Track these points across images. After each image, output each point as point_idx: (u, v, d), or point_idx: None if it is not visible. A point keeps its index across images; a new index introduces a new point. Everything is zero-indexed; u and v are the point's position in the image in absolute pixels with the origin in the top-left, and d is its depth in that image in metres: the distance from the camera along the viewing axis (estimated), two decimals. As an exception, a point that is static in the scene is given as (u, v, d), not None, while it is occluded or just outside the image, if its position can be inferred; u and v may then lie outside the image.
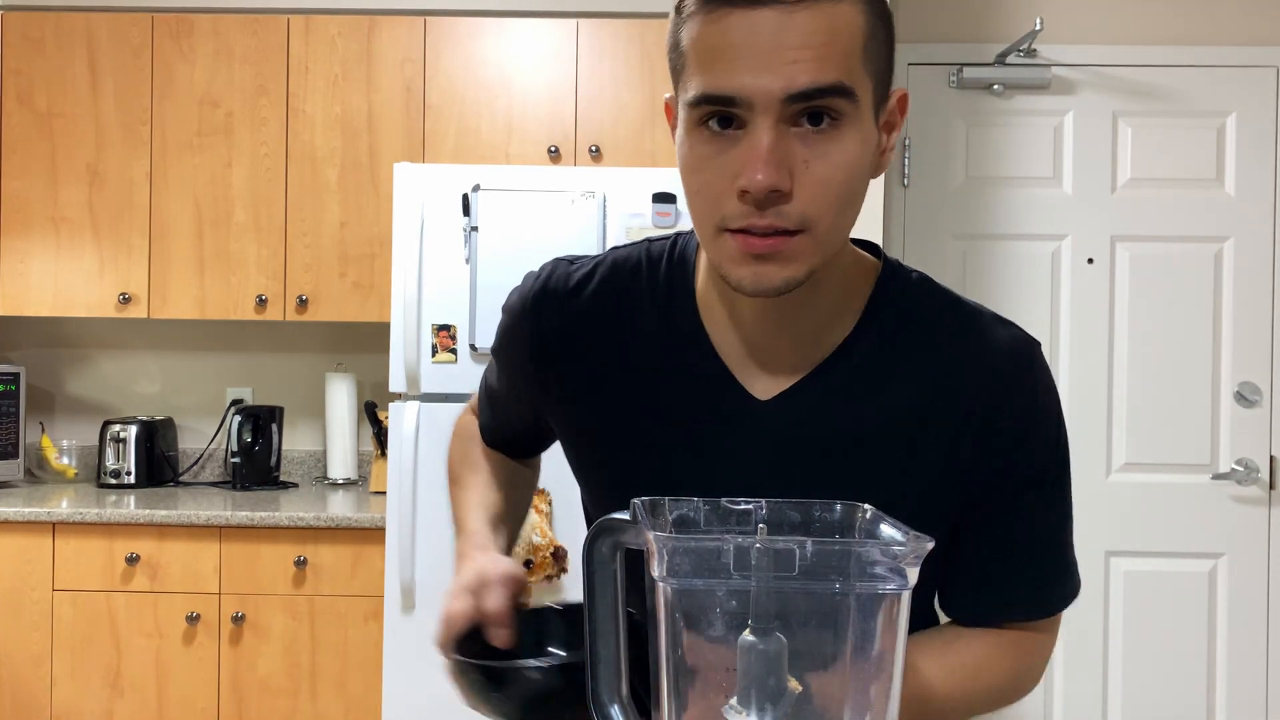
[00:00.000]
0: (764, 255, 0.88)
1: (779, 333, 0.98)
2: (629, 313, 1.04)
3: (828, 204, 0.87)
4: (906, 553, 0.71)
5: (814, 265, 0.90)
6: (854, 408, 0.97)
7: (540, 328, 1.07)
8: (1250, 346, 3.32)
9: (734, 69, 0.85)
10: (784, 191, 0.86)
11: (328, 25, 3.24)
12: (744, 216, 0.87)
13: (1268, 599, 3.32)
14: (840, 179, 0.87)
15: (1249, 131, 3.33)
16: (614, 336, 1.04)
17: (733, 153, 0.87)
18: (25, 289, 3.28)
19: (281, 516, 2.92)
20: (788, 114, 0.85)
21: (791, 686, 0.70)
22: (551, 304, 1.07)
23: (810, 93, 0.85)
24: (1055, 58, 3.32)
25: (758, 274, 0.89)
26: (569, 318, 1.06)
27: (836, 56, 0.85)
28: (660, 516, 0.82)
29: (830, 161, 0.87)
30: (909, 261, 3.32)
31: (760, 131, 0.85)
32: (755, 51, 0.84)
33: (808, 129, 0.86)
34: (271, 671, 2.95)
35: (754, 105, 0.85)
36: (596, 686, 0.87)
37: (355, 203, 3.24)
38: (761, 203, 0.86)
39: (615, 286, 1.05)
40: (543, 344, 1.07)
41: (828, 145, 0.87)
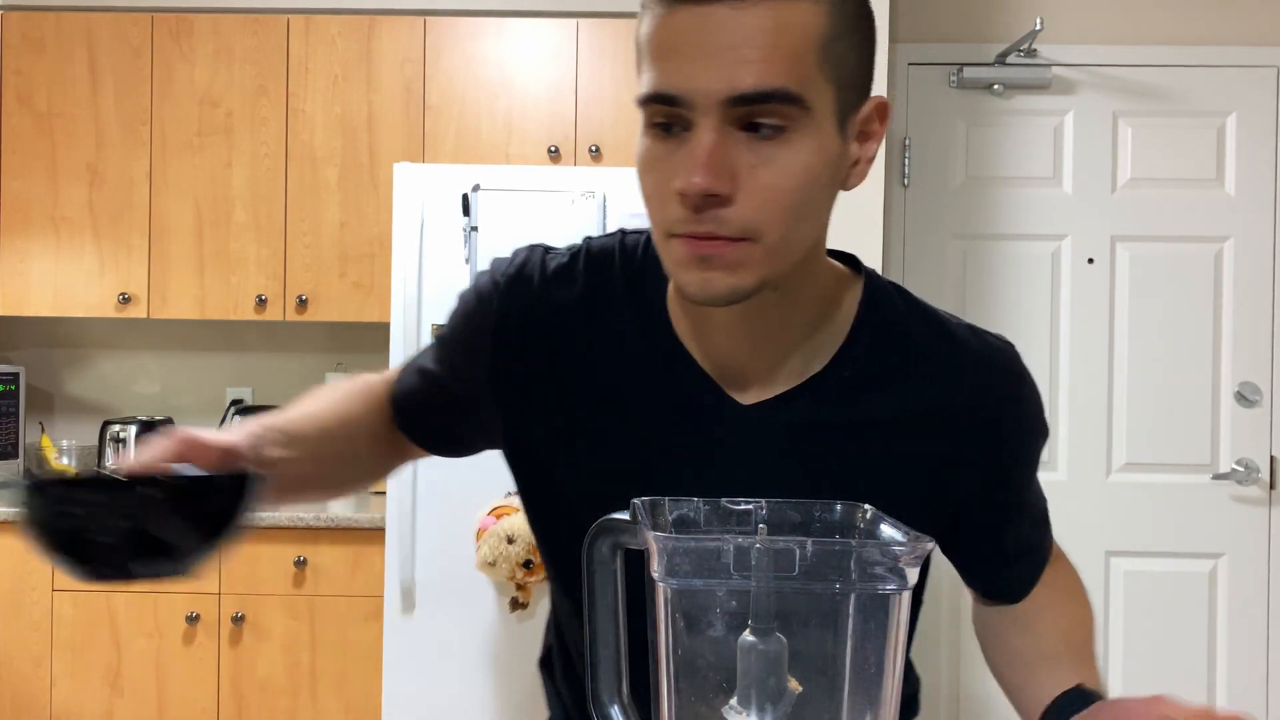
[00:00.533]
0: (708, 259, 0.84)
1: (756, 346, 0.95)
2: (605, 308, 0.99)
3: (775, 213, 0.84)
4: (906, 553, 0.71)
5: (765, 276, 0.86)
6: (847, 416, 0.96)
7: (512, 314, 1.00)
8: (1250, 346, 3.32)
9: (679, 67, 0.82)
10: (722, 196, 0.82)
11: (328, 25, 3.24)
12: (684, 222, 0.84)
13: (1268, 599, 3.32)
14: (790, 187, 0.83)
15: (1249, 131, 3.33)
16: (589, 333, 0.99)
17: (678, 155, 0.84)
18: (25, 289, 3.28)
19: (281, 516, 2.92)
20: (732, 117, 0.82)
21: (791, 686, 0.70)
22: (527, 291, 1.01)
23: (752, 96, 0.81)
24: (1055, 58, 3.32)
25: (703, 280, 0.85)
26: (545, 308, 1.00)
27: (785, 59, 0.81)
28: (660, 516, 0.82)
29: (777, 169, 0.83)
30: (910, 262, 3.34)
31: (701, 133, 0.82)
32: (701, 50, 0.81)
33: (751, 135, 0.83)
34: (271, 671, 2.95)
35: (696, 105, 0.82)
36: (596, 686, 0.86)
37: (355, 203, 3.24)
38: (699, 206, 0.82)
39: (593, 280, 1.00)
40: (512, 331, 1.00)
41: (775, 151, 0.83)
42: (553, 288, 1.00)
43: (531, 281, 1.01)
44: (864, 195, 2.89)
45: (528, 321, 1.00)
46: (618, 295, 0.99)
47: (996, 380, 1.00)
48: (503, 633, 2.67)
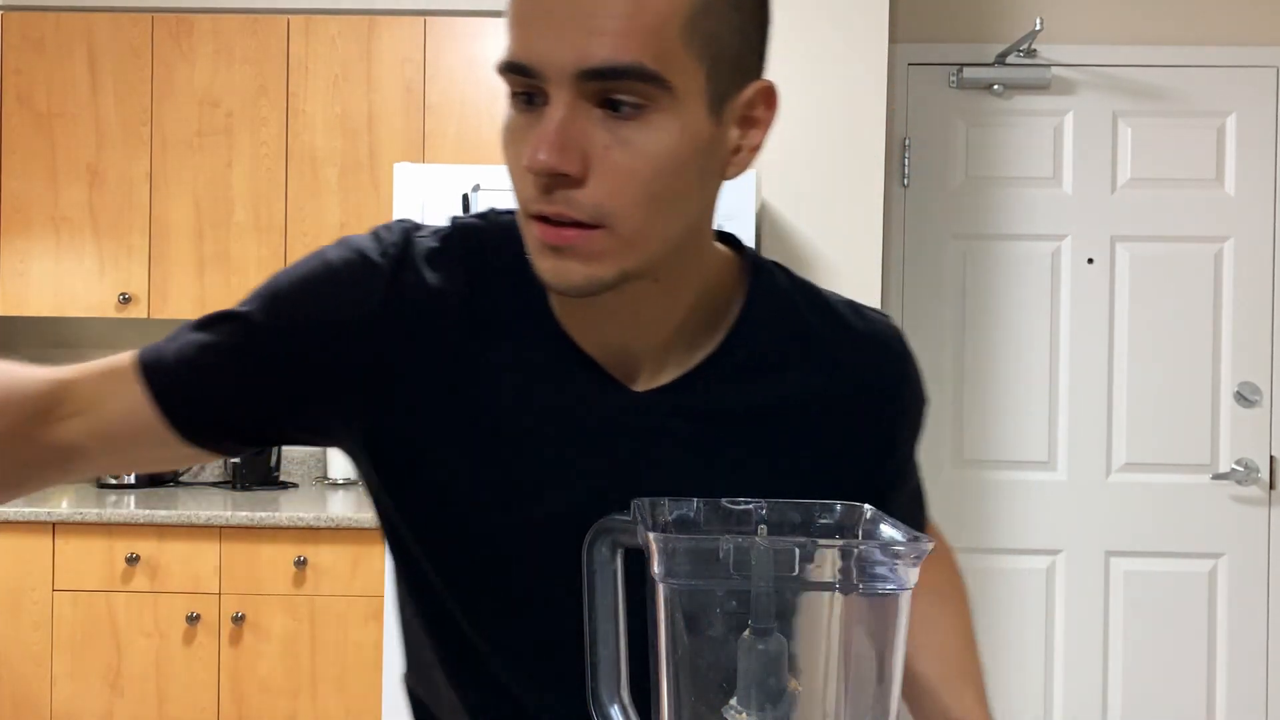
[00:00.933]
0: (560, 248, 0.79)
1: (641, 333, 0.90)
2: (484, 293, 0.91)
3: (631, 198, 0.78)
4: (906, 553, 0.71)
5: (624, 267, 0.80)
6: (737, 398, 0.93)
7: (380, 298, 0.89)
8: (1250, 346, 3.32)
9: (533, 36, 0.76)
10: (571, 175, 0.76)
11: (328, 25, 3.24)
12: (535, 201, 0.78)
13: (1268, 599, 3.32)
14: (647, 172, 0.77)
15: (1249, 131, 3.33)
16: (470, 319, 0.90)
17: (533, 130, 0.78)
18: (25, 289, 3.28)
19: (281, 517, 2.93)
20: (587, 92, 0.76)
21: (791, 686, 0.70)
22: (411, 273, 0.90)
23: (605, 71, 0.75)
24: (1055, 58, 3.32)
25: (557, 269, 0.80)
26: (426, 291, 0.89)
27: (643, 33, 0.75)
28: (660, 516, 0.82)
29: (634, 151, 0.77)
30: (910, 262, 3.34)
31: (553, 108, 0.76)
32: (555, 18, 0.75)
33: (607, 112, 0.77)
34: (271, 671, 2.95)
35: (548, 78, 0.76)
36: (596, 686, 0.87)
37: (355, 203, 3.24)
38: (547, 185, 0.77)
39: (470, 263, 0.91)
40: (398, 317, 0.89)
41: (632, 133, 0.77)
42: (431, 270, 0.90)
43: (414, 263, 0.90)
44: (864, 195, 2.89)
45: (412, 306, 0.89)
46: (496, 279, 0.91)
47: (884, 355, 0.98)
48: (503, 633, 2.67)
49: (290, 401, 0.91)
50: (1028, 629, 3.34)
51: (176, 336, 0.93)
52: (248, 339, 0.90)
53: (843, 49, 2.90)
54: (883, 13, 2.91)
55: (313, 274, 0.92)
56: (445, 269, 0.90)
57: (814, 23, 2.89)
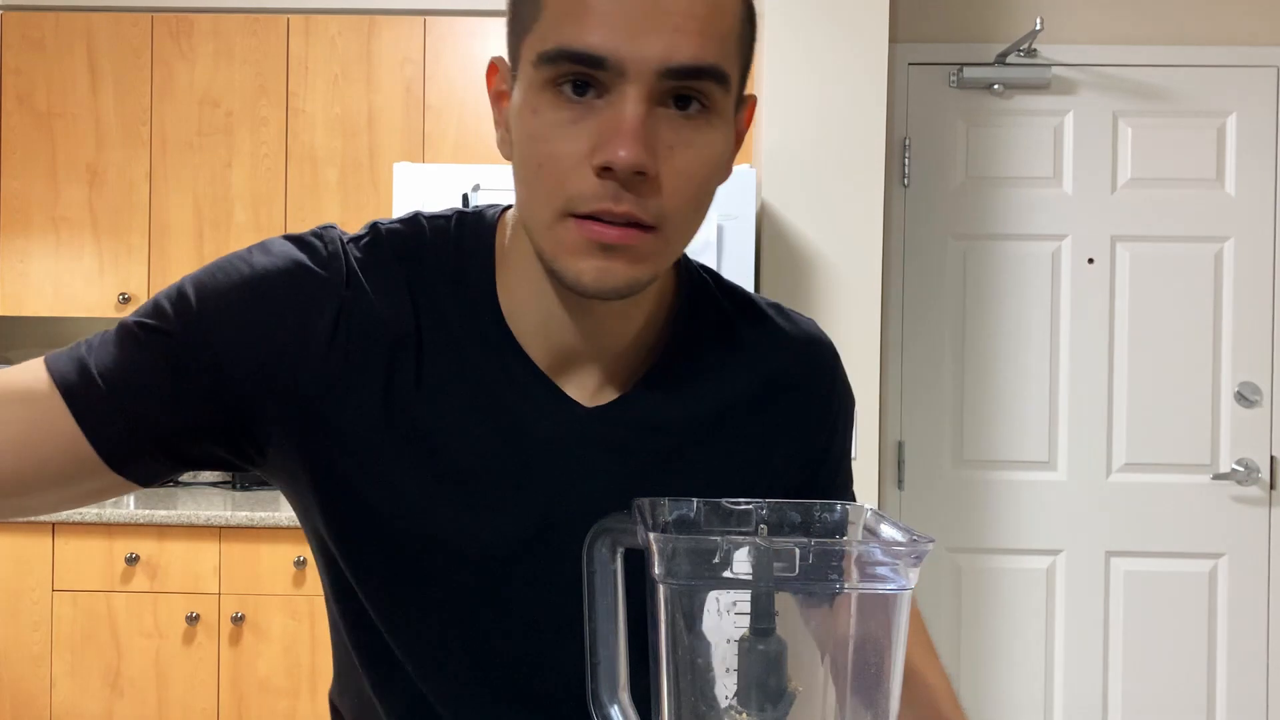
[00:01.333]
0: (612, 248, 0.76)
1: (599, 343, 0.87)
2: (420, 308, 0.86)
3: (685, 201, 0.77)
4: (906, 553, 0.71)
5: (657, 270, 0.80)
6: (680, 408, 0.91)
7: (331, 315, 0.83)
8: (1250, 346, 3.32)
9: (607, 26, 0.73)
10: (649, 176, 0.74)
11: (328, 25, 3.24)
12: (598, 199, 0.74)
13: (1268, 599, 3.32)
14: (702, 175, 0.77)
15: (1249, 131, 3.33)
16: (411, 330, 0.85)
17: (589, 122, 0.74)
18: (25, 289, 3.28)
19: (281, 516, 2.92)
20: (658, 90, 0.74)
21: (791, 687, 0.70)
22: (347, 286, 0.84)
23: (689, 69, 0.74)
24: (1055, 58, 3.32)
25: (602, 270, 0.77)
26: (355, 304, 0.84)
27: (718, 36, 0.75)
28: (660, 516, 0.82)
29: (693, 153, 0.76)
30: (910, 262, 3.34)
31: (628, 101, 0.73)
32: (633, 9, 0.73)
33: (674, 111, 0.75)
34: (271, 671, 2.95)
35: (625, 72, 0.73)
36: (596, 686, 0.86)
37: (355, 203, 3.24)
38: (626, 184, 0.74)
39: (400, 276, 0.86)
40: (330, 336, 0.83)
41: (694, 134, 0.76)
42: (372, 283, 0.85)
43: (357, 276, 0.85)
44: (864, 195, 2.89)
45: (361, 323, 0.84)
46: (439, 289, 0.86)
47: (813, 356, 0.99)
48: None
49: (223, 427, 0.84)
50: (1028, 629, 3.34)
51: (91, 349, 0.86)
52: (175, 357, 0.82)
53: (843, 49, 2.90)
54: (883, 13, 2.91)
55: (247, 286, 0.83)
56: (385, 280, 0.85)
57: (814, 23, 2.89)
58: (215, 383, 0.82)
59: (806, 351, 0.98)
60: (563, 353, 0.87)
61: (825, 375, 0.99)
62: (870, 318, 2.88)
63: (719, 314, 0.94)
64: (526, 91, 0.77)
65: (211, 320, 0.82)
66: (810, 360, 0.98)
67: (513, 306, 0.86)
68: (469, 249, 0.87)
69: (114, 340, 0.87)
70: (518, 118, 0.78)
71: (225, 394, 0.82)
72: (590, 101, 0.75)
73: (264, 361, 0.82)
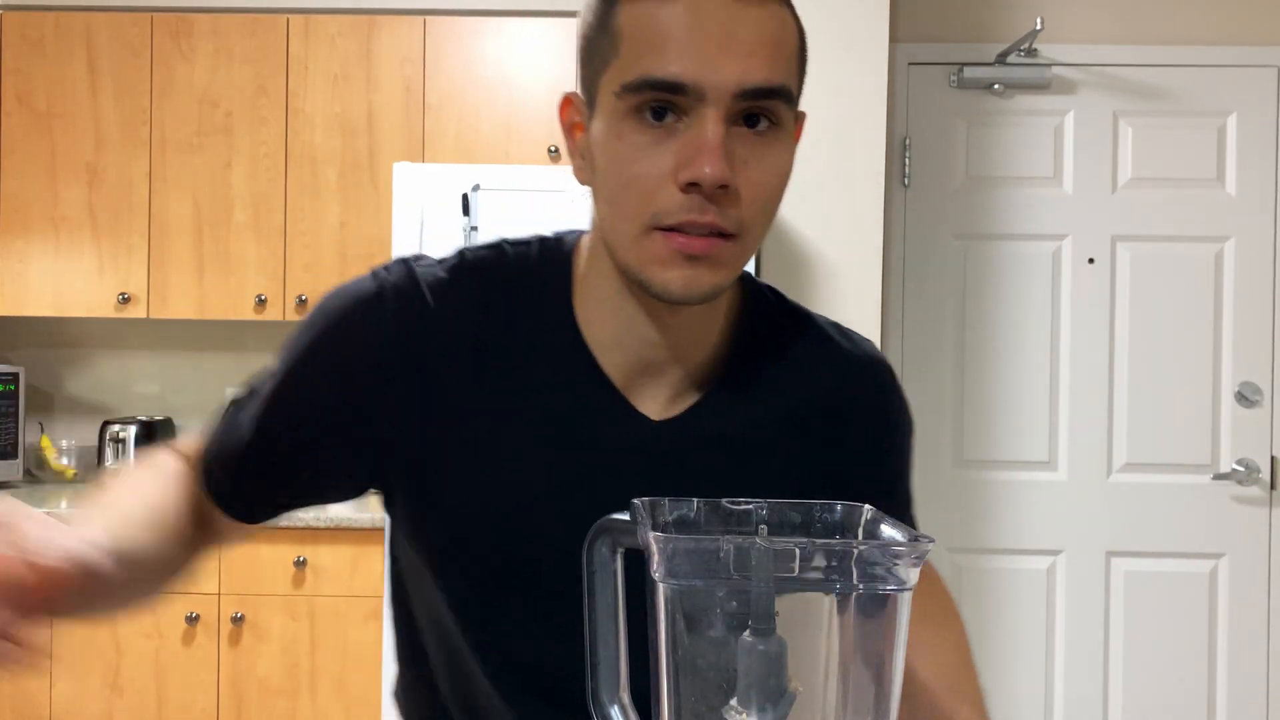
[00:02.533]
0: (697, 257, 0.83)
1: (668, 351, 0.93)
2: (495, 326, 0.92)
3: (760, 210, 0.85)
4: (906, 553, 0.71)
5: (735, 274, 0.88)
6: (743, 422, 0.96)
7: (388, 334, 0.91)
8: (1250, 346, 3.32)
9: (686, 55, 0.81)
10: (730, 189, 0.82)
11: (327, 25, 3.24)
12: (684, 211, 0.82)
13: (1268, 599, 3.32)
14: (774, 185, 0.85)
15: (1249, 131, 3.33)
16: (478, 353, 0.91)
17: (671, 144, 0.82)
18: (25, 289, 3.28)
19: (281, 517, 2.92)
20: (733, 110, 0.82)
21: (791, 687, 0.70)
22: (403, 309, 0.91)
23: (762, 90, 0.82)
24: (1055, 57, 3.32)
25: (689, 277, 0.84)
26: (426, 326, 0.91)
27: (784, 58, 0.84)
28: (660, 516, 0.82)
29: (766, 166, 0.84)
30: (910, 262, 3.34)
31: (708, 123, 0.81)
32: (708, 39, 0.81)
33: (746, 129, 0.83)
34: (271, 672, 2.95)
35: (705, 95, 0.81)
36: (596, 686, 0.86)
37: (355, 203, 3.24)
38: (711, 197, 0.81)
39: (477, 297, 0.93)
40: (391, 354, 0.91)
41: (765, 148, 0.84)
42: (438, 299, 0.92)
43: (419, 293, 0.92)
44: (864, 195, 2.89)
45: (409, 345, 0.91)
46: (515, 307, 0.93)
47: (870, 376, 1.02)
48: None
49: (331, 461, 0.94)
50: (1028, 629, 3.34)
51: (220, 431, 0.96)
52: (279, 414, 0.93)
53: (843, 49, 2.90)
54: (883, 13, 2.91)
55: (319, 329, 0.93)
56: (454, 298, 0.92)
57: (814, 23, 2.88)
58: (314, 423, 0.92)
59: (864, 371, 1.02)
60: (638, 366, 0.93)
61: (882, 395, 1.03)
62: (870, 318, 2.88)
63: (779, 331, 0.99)
64: (609, 119, 0.84)
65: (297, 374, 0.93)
66: (867, 380, 1.02)
67: (591, 322, 0.92)
68: (549, 270, 0.95)
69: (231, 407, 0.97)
70: (601, 144, 0.85)
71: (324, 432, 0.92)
72: (670, 125, 0.82)
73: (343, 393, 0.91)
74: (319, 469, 0.95)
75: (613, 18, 0.85)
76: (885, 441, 1.03)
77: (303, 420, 0.92)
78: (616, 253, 0.88)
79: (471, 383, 0.91)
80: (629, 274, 0.87)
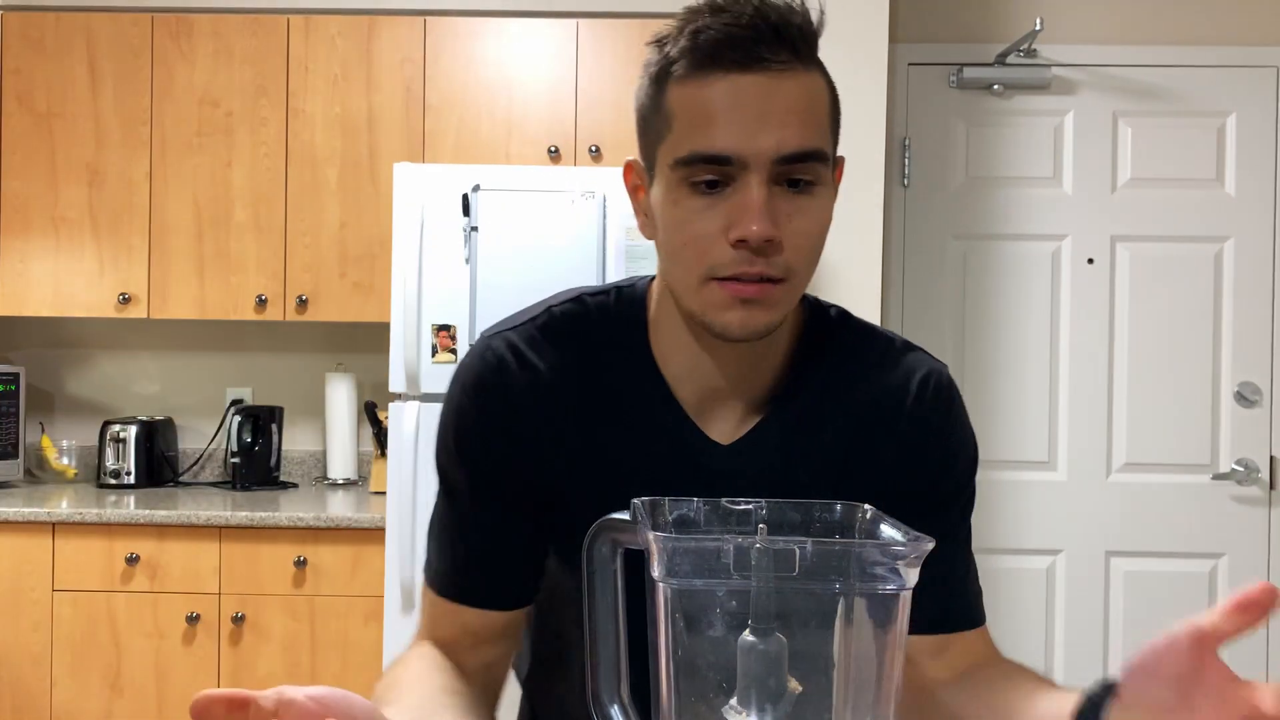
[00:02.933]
0: (751, 300, 0.94)
1: (732, 381, 1.04)
2: (591, 373, 1.05)
3: (805, 256, 0.95)
4: (906, 553, 0.71)
5: (788, 311, 0.99)
6: (805, 445, 1.05)
7: (504, 399, 1.05)
8: (1250, 346, 3.32)
9: (729, 131, 0.91)
10: (776, 242, 0.92)
11: (328, 25, 3.24)
12: (736, 264, 0.93)
13: (1268, 599, 3.32)
14: (816, 233, 0.96)
15: (1249, 131, 3.33)
16: (575, 397, 1.05)
17: (722, 206, 0.93)
18: (25, 289, 3.28)
19: (281, 517, 2.92)
20: (775, 173, 0.92)
21: (791, 687, 0.70)
22: (507, 374, 1.05)
23: (797, 155, 0.92)
24: (1055, 58, 3.32)
25: (745, 318, 0.95)
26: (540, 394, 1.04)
27: (815, 123, 0.94)
28: (660, 516, 0.82)
29: (809, 217, 0.94)
30: (910, 262, 3.34)
31: (753, 187, 0.92)
32: (748, 114, 0.91)
33: (787, 189, 0.93)
34: (271, 671, 2.95)
35: (748, 164, 0.91)
36: (597, 686, 0.87)
37: (355, 203, 3.24)
38: (758, 250, 0.92)
39: (574, 352, 1.06)
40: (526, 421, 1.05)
41: (807, 202, 0.94)
42: (541, 357, 1.05)
43: (522, 357, 1.05)
44: (864, 195, 2.89)
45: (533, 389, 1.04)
46: (604, 353, 1.06)
47: (930, 394, 1.07)
48: (503, 633, 2.67)
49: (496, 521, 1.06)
50: (1028, 629, 3.34)
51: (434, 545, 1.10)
52: (470, 501, 1.07)
53: (843, 49, 2.89)
54: (883, 13, 2.91)
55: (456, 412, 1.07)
56: (556, 350, 1.05)
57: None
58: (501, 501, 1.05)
59: (923, 389, 1.07)
60: (706, 395, 1.04)
61: (940, 413, 1.08)
62: (870, 318, 2.87)
63: (840, 350, 1.08)
64: (666, 188, 0.96)
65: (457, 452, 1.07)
66: (926, 397, 1.07)
67: (665, 359, 1.05)
68: (627, 315, 1.07)
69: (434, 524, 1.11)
70: (661, 208, 0.97)
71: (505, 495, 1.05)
72: (719, 191, 0.93)
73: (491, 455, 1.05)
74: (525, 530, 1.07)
75: (664, 98, 0.96)
76: (943, 459, 1.07)
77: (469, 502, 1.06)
78: (681, 300, 1.00)
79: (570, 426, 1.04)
80: (693, 318, 0.99)
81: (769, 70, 0.92)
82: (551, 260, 2.71)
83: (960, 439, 1.09)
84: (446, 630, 1.09)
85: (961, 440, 1.09)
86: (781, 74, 0.92)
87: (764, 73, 0.92)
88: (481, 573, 1.07)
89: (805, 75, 0.94)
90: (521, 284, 2.70)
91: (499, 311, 1.14)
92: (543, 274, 2.70)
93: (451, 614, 1.08)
